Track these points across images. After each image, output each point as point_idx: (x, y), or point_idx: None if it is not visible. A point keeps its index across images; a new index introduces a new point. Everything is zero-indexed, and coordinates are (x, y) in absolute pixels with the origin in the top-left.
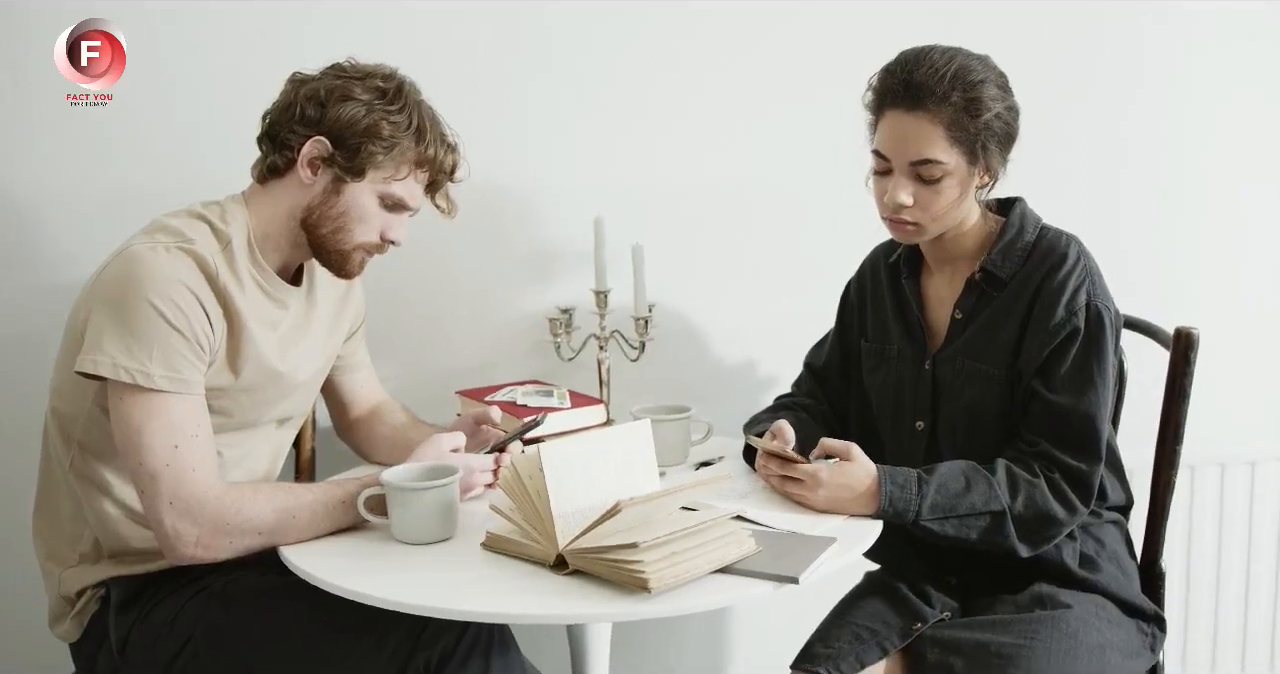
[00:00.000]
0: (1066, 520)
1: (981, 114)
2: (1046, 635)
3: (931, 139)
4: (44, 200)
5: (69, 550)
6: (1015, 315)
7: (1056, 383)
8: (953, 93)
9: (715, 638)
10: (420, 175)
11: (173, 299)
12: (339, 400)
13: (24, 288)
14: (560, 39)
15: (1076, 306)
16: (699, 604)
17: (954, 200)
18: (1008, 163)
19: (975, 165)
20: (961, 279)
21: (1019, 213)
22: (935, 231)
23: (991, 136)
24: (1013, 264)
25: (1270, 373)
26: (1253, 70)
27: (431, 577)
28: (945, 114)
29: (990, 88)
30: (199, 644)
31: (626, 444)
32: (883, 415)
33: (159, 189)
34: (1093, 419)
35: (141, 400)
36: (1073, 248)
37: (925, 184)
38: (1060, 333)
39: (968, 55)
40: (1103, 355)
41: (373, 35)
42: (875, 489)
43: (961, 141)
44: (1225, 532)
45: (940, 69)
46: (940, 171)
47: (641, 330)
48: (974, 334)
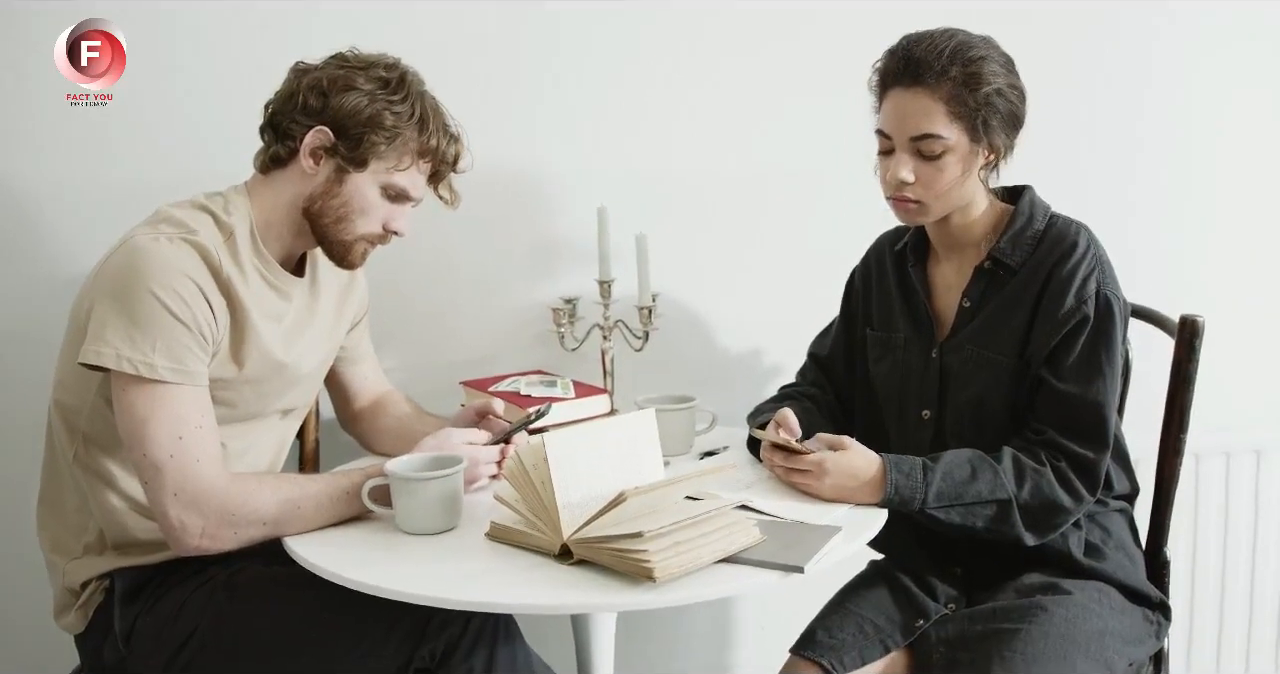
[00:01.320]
0: (1073, 509)
1: (981, 87)
2: (1045, 620)
3: (931, 114)
4: (45, 198)
5: (74, 542)
6: (1025, 303)
7: (1065, 371)
8: (951, 67)
9: (721, 627)
10: (423, 166)
11: (176, 290)
12: (343, 392)
13: (28, 282)
14: (566, 30)
15: (1086, 295)
16: (704, 594)
17: (956, 178)
18: (1013, 145)
19: (978, 143)
20: (969, 267)
21: (1028, 201)
22: (939, 211)
23: (994, 113)
24: (1022, 252)
25: (1275, 361)
26: (1262, 62)
27: (436, 567)
28: (945, 89)
29: (991, 64)
30: (204, 635)
31: (631, 434)
32: (888, 404)
33: (160, 187)
34: (1101, 407)
35: (145, 391)
36: (1083, 236)
37: (926, 160)
38: (1070, 321)
39: (969, 35)
40: (1111, 344)
41: (375, 30)
42: (880, 477)
43: (962, 117)
44: (1230, 520)
45: (940, 45)
46: (941, 146)
47: (645, 320)
48: (983, 322)
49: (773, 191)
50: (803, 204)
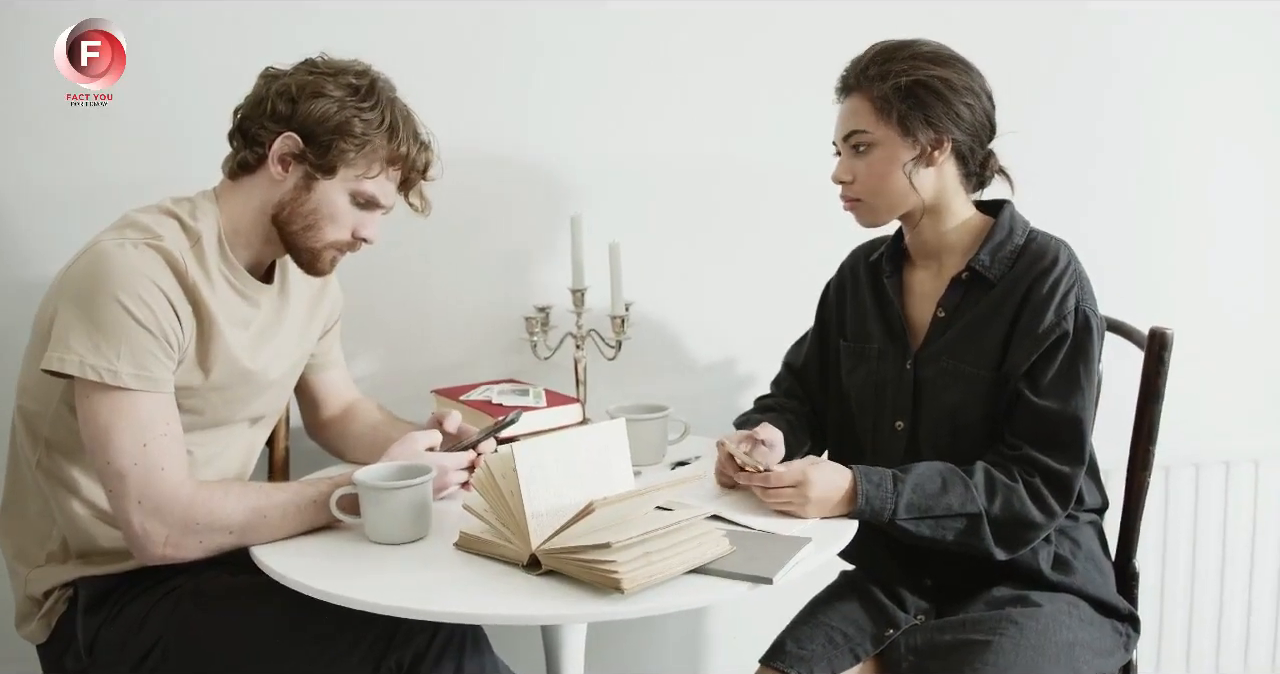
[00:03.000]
0: (1044, 524)
1: (894, 79)
2: (1015, 632)
3: (859, 112)
4: (46, 198)
5: (36, 550)
6: (1002, 317)
7: (1044, 386)
8: (872, 67)
9: (691, 638)
10: (393, 173)
11: (141, 296)
12: (311, 399)
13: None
14: (541, 38)
15: (1066, 311)
16: (673, 605)
17: (885, 171)
18: (950, 137)
19: (908, 137)
20: (946, 276)
21: (1008, 215)
22: (884, 210)
23: (916, 104)
24: (1001, 265)
25: (1244, 374)
26: (1224, 72)
27: (404, 577)
28: (869, 89)
29: (918, 61)
30: (169, 645)
31: (602, 443)
32: (862, 415)
33: (161, 187)
34: (1079, 422)
35: (109, 399)
36: (1063, 252)
37: (859, 156)
38: (1049, 337)
39: (911, 42)
40: (1089, 360)
41: (370, 33)
42: (851, 489)
43: (886, 112)
44: (1200, 532)
45: (871, 50)
46: (866, 140)
47: (618, 329)
48: (958, 334)
49: (747, 201)
50: (778, 214)
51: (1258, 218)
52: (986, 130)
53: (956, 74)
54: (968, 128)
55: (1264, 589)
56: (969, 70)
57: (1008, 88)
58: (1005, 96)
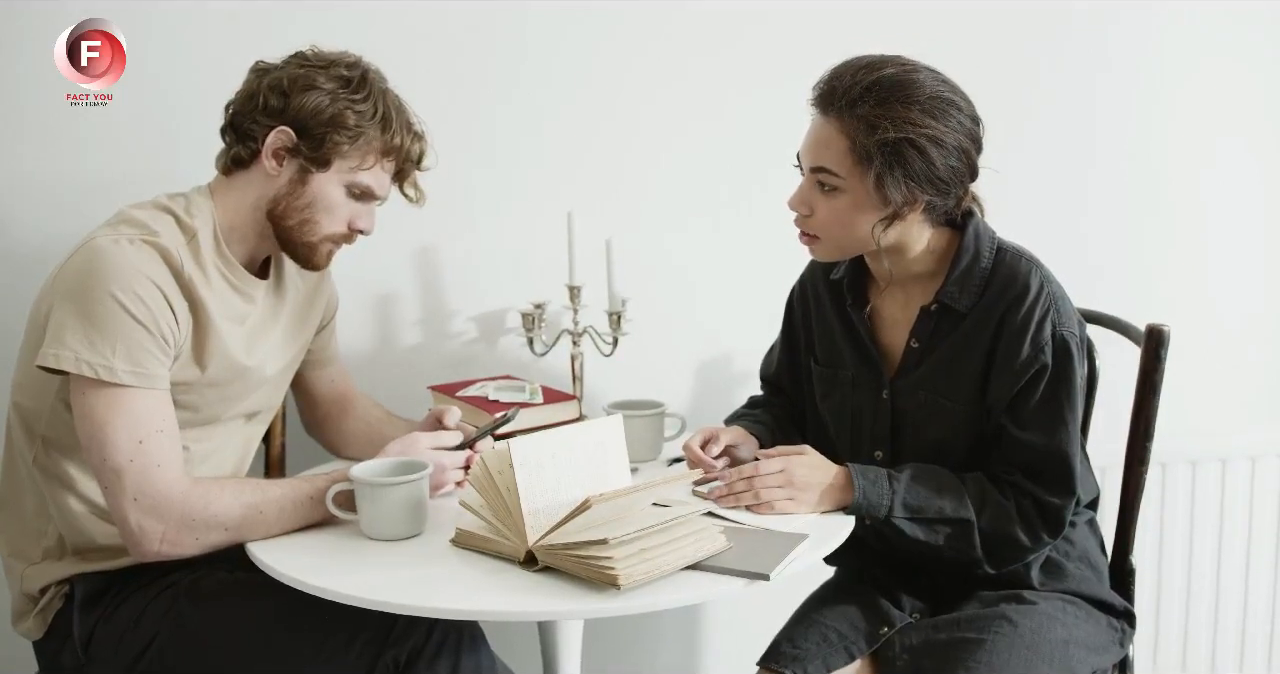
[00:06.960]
0: (1031, 547)
1: (882, 133)
2: (1010, 630)
3: (832, 147)
4: (46, 198)
5: (33, 547)
6: (978, 349)
7: (1026, 420)
8: (863, 104)
9: (688, 634)
10: (387, 164)
11: (136, 292)
12: (308, 395)
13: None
14: (534, 34)
15: (1042, 341)
16: (669, 601)
17: (843, 221)
18: (925, 197)
19: (880, 193)
20: (915, 303)
21: (972, 233)
22: (833, 250)
23: (897, 164)
24: (970, 295)
25: (1240, 370)
26: (1220, 67)
27: (400, 573)
28: (852, 125)
29: (912, 110)
30: (165, 641)
31: (598, 439)
32: (840, 440)
33: (160, 186)
34: (1066, 456)
35: (105, 395)
36: (1034, 276)
37: (823, 193)
38: (1028, 371)
39: (915, 72)
40: (1072, 388)
41: (370, 33)
42: (846, 479)
43: (863, 163)
44: (1196, 528)
45: (864, 77)
46: (835, 182)
47: (615, 325)
48: (934, 367)
49: (741, 197)
50: (772, 210)
51: (1254, 214)
52: (967, 178)
53: (948, 127)
54: (946, 187)
55: (1260, 585)
56: (960, 110)
57: (1001, 85)
58: (999, 95)
